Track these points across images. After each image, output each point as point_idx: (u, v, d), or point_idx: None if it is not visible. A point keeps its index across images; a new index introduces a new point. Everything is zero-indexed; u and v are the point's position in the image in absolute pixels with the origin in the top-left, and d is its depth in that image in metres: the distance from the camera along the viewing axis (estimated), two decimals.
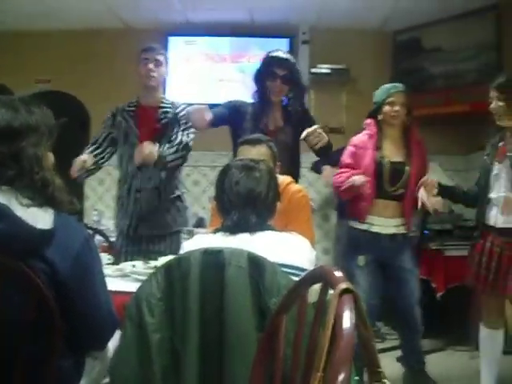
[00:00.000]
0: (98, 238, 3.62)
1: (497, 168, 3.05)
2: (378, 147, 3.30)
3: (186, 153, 3.31)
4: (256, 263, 1.49)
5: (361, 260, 3.28)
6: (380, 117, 3.36)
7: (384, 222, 3.30)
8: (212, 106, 5.43)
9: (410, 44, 5.64)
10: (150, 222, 3.31)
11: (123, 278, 2.33)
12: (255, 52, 5.62)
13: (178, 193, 3.41)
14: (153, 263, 2.38)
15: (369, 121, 3.43)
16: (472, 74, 5.19)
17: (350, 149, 3.39)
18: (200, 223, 4.72)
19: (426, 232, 4.54)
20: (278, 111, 3.32)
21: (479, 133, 5.52)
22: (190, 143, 3.34)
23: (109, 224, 4.54)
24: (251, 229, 1.74)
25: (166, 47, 5.60)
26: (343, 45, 5.66)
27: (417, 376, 3.48)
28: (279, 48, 3.42)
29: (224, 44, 5.68)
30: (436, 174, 3.74)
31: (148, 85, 3.35)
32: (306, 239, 2.43)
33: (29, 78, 5.72)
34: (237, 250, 1.52)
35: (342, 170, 3.34)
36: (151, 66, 3.31)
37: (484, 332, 3.18)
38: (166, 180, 3.33)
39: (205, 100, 5.54)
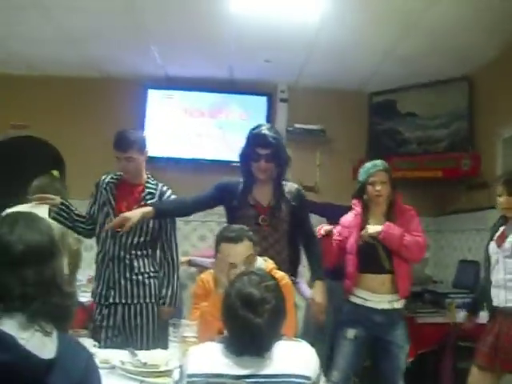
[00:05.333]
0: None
1: (496, 252, 3.26)
2: (362, 227, 3.35)
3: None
4: None
5: (350, 333, 3.29)
6: (365, 196, 3.41)
7: (378, 298, 3.32)
8: (191, 161, 5.53)
9: (386, 106, 5.77)
10: (119, 290, 3.26)
11: (110, 370, 2.28)
12: (234, 108, 5.71)
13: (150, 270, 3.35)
14: (141, 356, 2.35)
15: (354, 201, 3.49)
16: (444, 141, 5.36)
17: (338, 228, 3.48)
18: None
19: None
20: (268, 187, 3.22)
21: (448, 197, 5.69)
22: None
23: None
24: (259, 351, 1.75)
25: (145, 100, 5.64)
26: (320, 104, 5.77)
27: None
28: (262, 124, 3.32)
29: (203, 99, 5.70)
30: None
31: (125, 177, 3.34)
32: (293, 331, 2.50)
33: (3, 123, 5.67)
34: None
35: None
36: (124, 163, 3.28)
37: None
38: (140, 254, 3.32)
39: (183, 154, 5.61)
